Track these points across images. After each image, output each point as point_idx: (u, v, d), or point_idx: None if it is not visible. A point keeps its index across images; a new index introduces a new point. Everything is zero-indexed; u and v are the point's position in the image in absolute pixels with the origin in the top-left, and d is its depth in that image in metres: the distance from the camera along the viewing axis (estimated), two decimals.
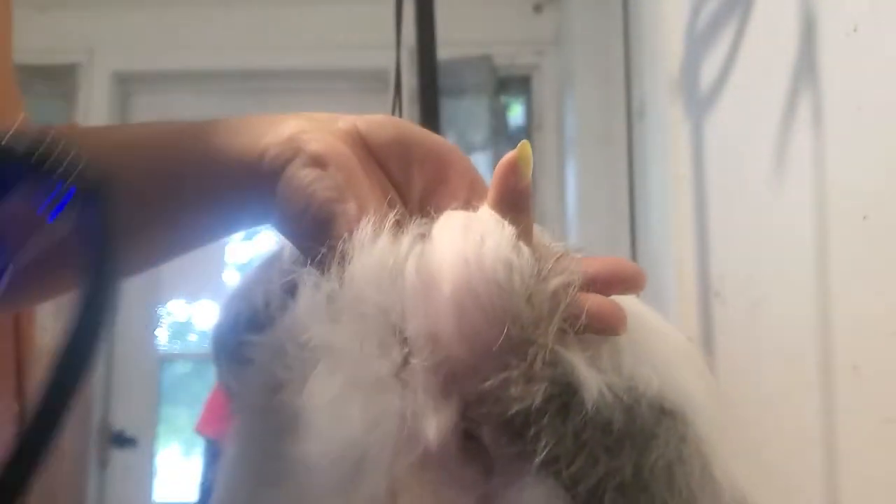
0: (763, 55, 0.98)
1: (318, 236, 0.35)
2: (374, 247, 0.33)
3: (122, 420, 2.34)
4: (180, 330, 2.54)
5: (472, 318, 0.31)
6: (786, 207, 0.90)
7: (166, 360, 2.47)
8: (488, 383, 0.31)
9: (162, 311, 2.46)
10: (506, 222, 0.34)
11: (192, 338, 2.55)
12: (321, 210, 0.35)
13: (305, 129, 0.37)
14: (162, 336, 2.47)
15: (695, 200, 1.21)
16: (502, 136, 2.30)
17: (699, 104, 1.20)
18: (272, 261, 0.39)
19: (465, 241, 0.32)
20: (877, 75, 0.71)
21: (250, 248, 2.41)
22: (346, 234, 0.34)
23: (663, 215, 1.41)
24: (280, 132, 0.37)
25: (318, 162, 0.36)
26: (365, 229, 0.33)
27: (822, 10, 0.81)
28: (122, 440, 2.32)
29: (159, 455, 2.38)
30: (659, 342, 0.35)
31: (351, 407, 0.31)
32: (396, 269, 0.32)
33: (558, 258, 0.33)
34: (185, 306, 2.54)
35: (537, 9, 2.38)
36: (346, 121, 0.39)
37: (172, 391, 2.49)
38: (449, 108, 2.21)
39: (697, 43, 1.21)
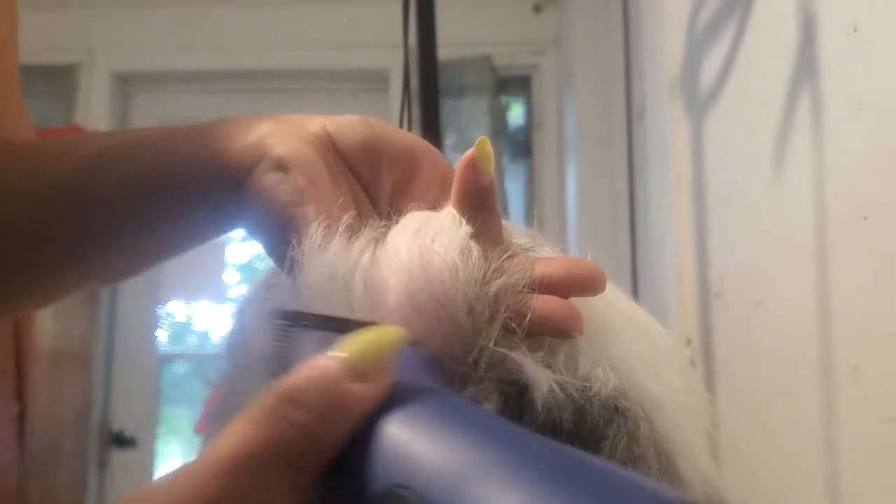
0: (763, 55, 0.98)
1: (279, 240, 0.35)
2: (324, 254, 0.32)
3: (122, 420, 2.34)
4: (180, 330, 2.53)
5: (415, 327, 0.30)
6: (786, 208, 0.90)
7: (166, 360, 2.47)
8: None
9: (162, 311, 2.46)
10: (463, 221, 0.33)
11: (192, 338, 2.55)
12: (280, 214, 0.35)
13: (272, 132, 0.37)
14: (162, 336, 2.47)
15: (694, 200, 1.21)
16: (502, 136, 2.30)
17: (699, 104, 1.20)
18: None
19: (414, 245, 0.32)
20: (877, 75, 0.71)
21: (250, 248, 2.41)
22: (296, 241, 0.33)
23: (663, 215, 1.41)
24: (247, 136, 0.37)
25: (280, 166, 0.36)
26: (316, 235, 0.33)
27: (822, 10, 0.81)
28: (122, 440, 2.32)
29: (159, 455, 2.38)
30: (629, 340, 0.34)
31: None
32: (346, 277, 0.32)
33: (508, 257, 0.32)
34: (185, 306, 2.53)
35: (537, 9, 2.38)
36: (316, 123, 0.38)
37: (172, 391, 2.49)
38: (449, 108, 2.21)
39: (697, 43, 1.21)
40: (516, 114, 2.43)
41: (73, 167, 0.42)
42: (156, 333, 2.44)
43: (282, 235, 0.34)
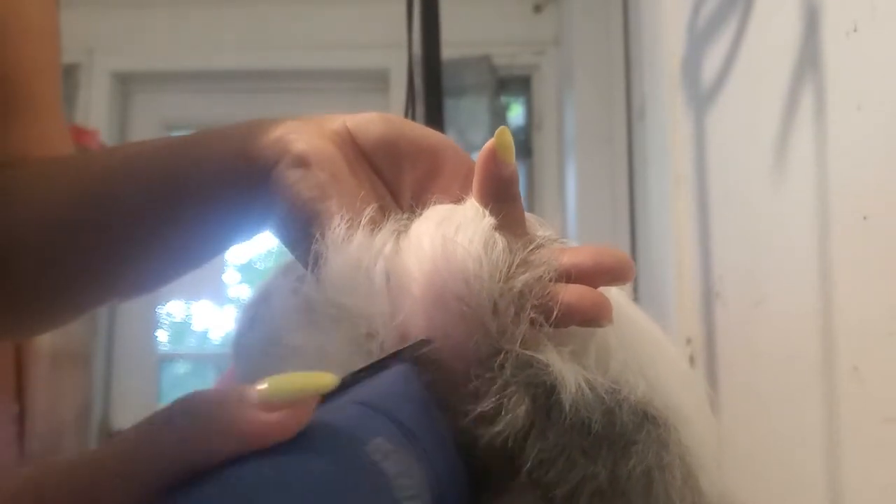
0: (764, 54, 0.98)
1: (303, 236, 0.35)
2: (347, 247, 0.32)
3: (122, 420, 2.34)
4: (180, 330, 2.53)
5: (439, 320, 0.30)
6: (786, 207, 0.90)
7: (166, 360, 2.47)
8: (461, 388, 0.30)
9: (162, 311, 2.46)
10: (486, 212, 0.33)
11: (192, 338, 2.55)
12: (304, 209, 0.35)
13: (292, 130, 0.37)
14: (162, 336, 2.47)
15: (695, 200, 1.21)
16: None
17: (699, 104, 1.20)
18: (292, 265, 0.39)
19: (437, 235, 0.32)
20: (877, 75, 0.71)
21: (250, 248, 2.41)
22: (320, 234, 0.33)
23: (663, 215, 1.41)
24: (268, 135, 0.37)
25: (302, 162, 0.36)
26: (339, 228, 0.33)
27: (823, 10, 0.81)
28: None
29: None
30: (651, 349, 0.33)
31: None
32: (369, 268, 0.32)
33: (533, 249, 0.31)
34: (185, 306, 2.53)
35: (537, 9, 2.38)
36: (337, 121, 0.38)
37: (172, 391, 2.49)
38: (449, 108, 2.21)
39: (698, 42, 1.21)
40: (516, 114, 2.43)
41: (97, 178, 0.43)
42: (156, 333, 2.44)
43: (305, 231, 0.34)
